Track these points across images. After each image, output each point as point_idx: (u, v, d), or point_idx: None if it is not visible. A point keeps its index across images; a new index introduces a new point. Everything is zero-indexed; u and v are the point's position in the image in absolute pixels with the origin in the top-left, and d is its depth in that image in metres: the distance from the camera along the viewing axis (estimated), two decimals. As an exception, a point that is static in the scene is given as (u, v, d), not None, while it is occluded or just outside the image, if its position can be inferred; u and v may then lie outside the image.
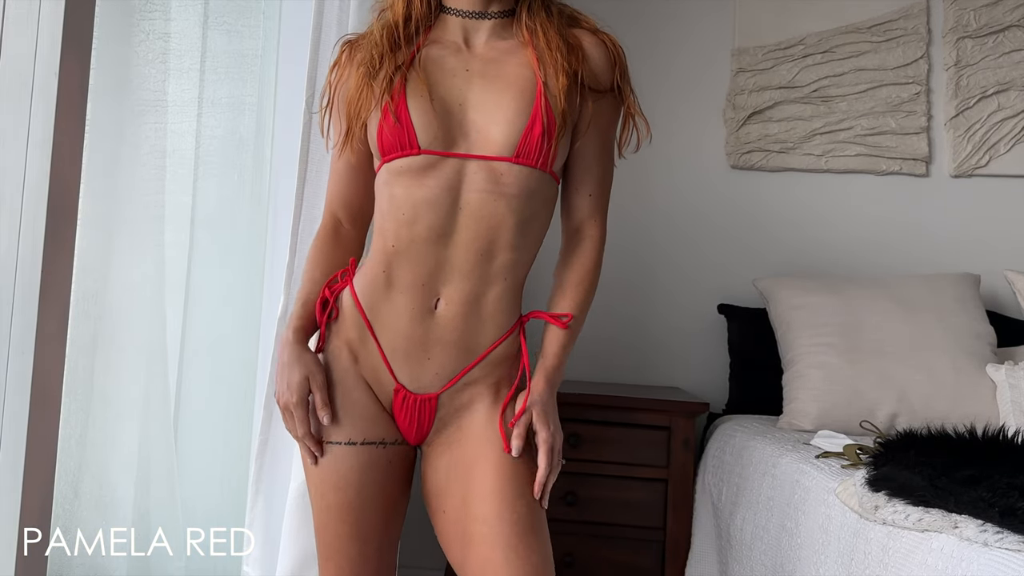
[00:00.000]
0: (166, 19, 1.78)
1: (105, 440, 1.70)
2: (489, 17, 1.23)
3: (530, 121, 1.16)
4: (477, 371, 1.22)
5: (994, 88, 2.80)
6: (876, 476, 1.44)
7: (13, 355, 1.29)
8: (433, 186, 1.17)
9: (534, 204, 1.19)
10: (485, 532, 1.15)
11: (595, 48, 1.24)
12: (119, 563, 1.70)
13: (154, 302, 1.76)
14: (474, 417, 1.22)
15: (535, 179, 1.18)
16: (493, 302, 1.21)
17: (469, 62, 1.21)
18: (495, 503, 1.16)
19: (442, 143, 1.17)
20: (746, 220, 2.84)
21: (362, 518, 1.21)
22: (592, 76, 1.22)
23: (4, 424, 1.29)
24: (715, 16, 2.86)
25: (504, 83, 1.19)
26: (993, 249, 2.75)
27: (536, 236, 1.23)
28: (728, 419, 2.46)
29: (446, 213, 1.17)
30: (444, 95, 1.18)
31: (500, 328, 1.22)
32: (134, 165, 1.72)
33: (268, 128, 2.01)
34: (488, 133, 1.17)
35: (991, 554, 1.11)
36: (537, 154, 1.16)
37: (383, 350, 1.22)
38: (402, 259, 1.19)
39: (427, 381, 1.22)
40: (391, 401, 1.24)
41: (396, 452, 1.24)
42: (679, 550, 2.27)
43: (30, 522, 1.28)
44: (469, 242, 1.18)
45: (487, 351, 1.22)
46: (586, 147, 1.25)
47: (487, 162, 1.17)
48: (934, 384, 2.25)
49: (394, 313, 1.20)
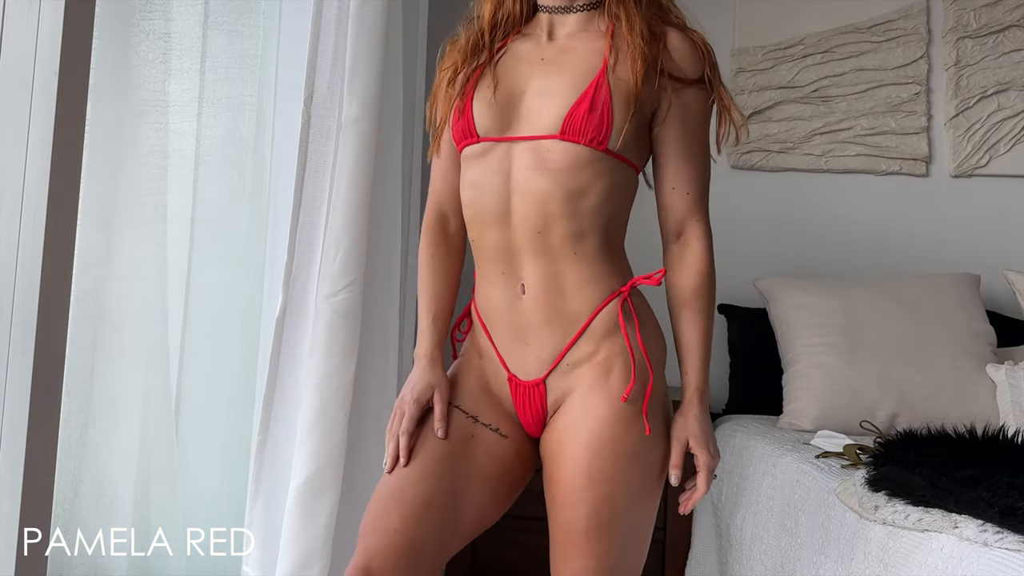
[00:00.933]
0: (166, 19, 1.77)
1: (105, 440, 1.70)
2: (575, 11, 1.26)
3: (579, 99, 1.17)
4: (578, 351, 1.21)
5: (994, 88, 2.80)
6: (876, 476, 1.44)
7: (13, 355, 1.29)
8: (487, 171, 1.22)
9: (583, 177, 1.18)
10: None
11: (680, 40, 1.23)
12: (119, 563, 1.70)
13: (154, 302, 1.76)
14: (575, 399, 1.20)
15: (584, 155, 1.17)
16: (572, 276, 1.20)
17: (544, 52, 1.25)
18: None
19: (498, 129, 1.22)
20: (746, 220, 2.84)
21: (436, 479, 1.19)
22: (674, 64, 1.21)
23: (4, 424, 1.28)
24: (715, 16, 2.86)
25: (568, 68, 1.21)
26: (993, 249, 2.75)
27: (595, 206, 1.19)
28: (728, 419, 2.46)
29: (500, 196, 1.21)
30: (511, 85, 1.23)
31: (588, 302, 1.20)
32: (134, 165, 1.71)
33: (268, 128, 2.01)
34: (539, 115, 1.20)
35: (991, 554, 1.11)
36: (583, 130, 1.16)
37: (494, 342, 1.26)
38: (481, 250, 1.25)
39: (532, 367, 1.23)
40: (508, 392, 1.26)
41: (485, 433, 1.24)
42: (679, 550, 2.27)
43: (30, 522, 1.28)
44: (523, 220, 1.19)
45: (582, 327, 1.20)
46: (674, 140, 1.23)
47: (534, 142, 1.19)
48: (934, 384, 2.25)
49: (495, 305, 1.25)
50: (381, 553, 1.13)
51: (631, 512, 1.17)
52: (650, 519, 1.22)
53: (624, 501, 1.16)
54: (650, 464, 1.18)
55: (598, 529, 1.14)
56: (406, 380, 1.28)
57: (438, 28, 2.32)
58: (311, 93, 1.77)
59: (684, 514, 1.22)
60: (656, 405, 1.20)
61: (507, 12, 1.29)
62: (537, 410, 1.24)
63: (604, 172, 1.19)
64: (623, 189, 1.22)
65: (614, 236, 1.24)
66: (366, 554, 1.14)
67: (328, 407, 1.73)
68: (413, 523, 1.15)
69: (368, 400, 1.87)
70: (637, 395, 1.18)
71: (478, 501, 1.22)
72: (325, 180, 1.80)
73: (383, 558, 1.13)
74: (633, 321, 1.21)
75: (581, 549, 1.14)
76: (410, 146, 2.16)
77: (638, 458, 1.17)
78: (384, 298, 1.95)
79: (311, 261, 1.79)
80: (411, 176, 2.20)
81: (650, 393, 1.19)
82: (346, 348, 1.76)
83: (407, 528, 1.15)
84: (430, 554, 1.17)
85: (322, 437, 1.72)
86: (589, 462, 1.15)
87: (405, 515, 1.15)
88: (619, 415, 1.17)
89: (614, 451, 1.15)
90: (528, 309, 1.21)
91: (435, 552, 1.18)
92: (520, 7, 1.29)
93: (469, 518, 1.22)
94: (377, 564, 1.13)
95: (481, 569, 2.34)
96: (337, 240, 1.77)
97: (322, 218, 1.79)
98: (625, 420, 1.17)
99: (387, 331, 1.96)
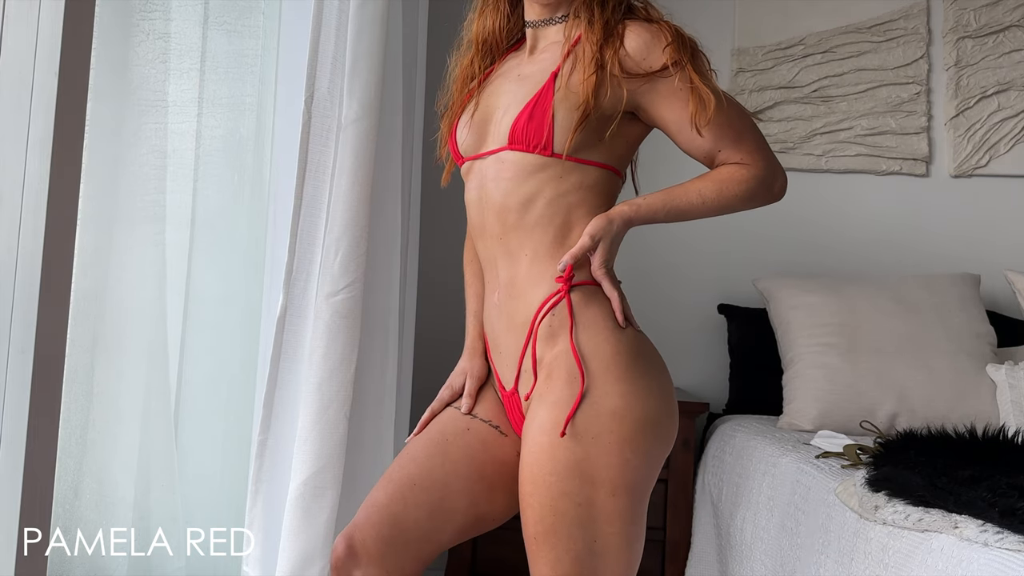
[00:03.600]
0: (166, 19, 1.77)
1: (105, 440, 1.70)
2: (555, 23, 1.28)
3: (523, 109, 1.21)
4: (530, 356, 1.21)
5: (994, 88, 2.80)
6: (876, 476, 1.44)
7: (13, 355, 1.29)
8: (471, 187, 1.29)
9: (532, 183, 1.21)
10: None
11: (638, 32, 1.21)
12: (119, 563, 1.70)
13: (154, 302, 1.76)
14: (530, 406, 1.20)
15: (531, 162, 1.21)
16: (523, 277, 1.22)
17: (523, 67, 1.29)
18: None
19: (474, 148, 1.28)
20: (746, 220, 2.83)
21: (428, 466, 1.23)
22: (631, 61, 1.20)
23: (4, 424, 1.28)
24: (715, 16, 2.86)
25: (530, 80, 1.24)
26: (993, 249, 2.75)
27: (546, 209, 1.21)
28: (728, 419, 2.46)
29: (479, 210, 1.27)
30: (489, 103, 1.28)
31: (533, 302, 1.20)
32: (134, 165, 1.71)
33: (268, 128, 2.01)
34: (499, 128, 1.25)
35: (991, 554, 1.11)
36: (525, 138, 1.19)
37: (489, 352, 1.32)
38: (482, 262, 1.31)
39: (506, 374, 1.27)
40: (502, 399, 1.31)
41: (483, 427, 1.28)
42: (679, 550, 2.27)
43: (30, 522, 1.28)
44: (492, 229, 1.25)
45: (531, 329, 1.20)
46: (670, 123, 1.23)
47: (495, 155, 1.25)
48: (934, 384, 2.25)
49: (487, 314, 1.30)
50: (364, 523, 1.19)
51: (585, 522, 1.11)
52: (618, 531, 1.13)
53: (569, 510, 1.11)
54: (600, 476, 1.11)
55: (545, 535, 1.12)
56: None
57: (438, 28, 2.32)
58: (311, 93, 1.77)
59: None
60: (609, 414, 1.13)
61: (488, 33, 1.34)
62: (518, 417, 1.26)
63: (555, 176, 1.21)
64: (586, 188, 1.22)
65: (574, 232, 1.22)
66: (352, 525, 1.21)
67: (328, 407, 1.73)
68: (397, 499, 1.20)
69: (368, 400, 1.87)
70: (568, 400, 1.13)
71: (469, 492, 1.24)
72: (325, 180, 1.80)
73: (366, 527, 1.19)
74: (567, 322, 1.17)
75: (535, 555, 1.14)
76: (410, 146, 2.15)
77: (579, 467, 1.11)
78: (384, 298, 1.95)
79: (311, 261, 1.79)
80: (411, 176, 2.20)
81: (579, 398, 1.12)
82: (346, 348, 1.76)
83: (391, 503, 1.20)
84: (415, 532, 1.20)
85: (322, 437, 1.72)
86: (531, 469, 1.14)
87: (390, 492, 1.21)
88: (556, 422, 1.13)
89: (552, 458, 1.12)
90: (497, 315, 1.26)
91: (421, 531, 1.21)
92: (499, 26, 1.34)
93: (461, 505, 1.23)
94: (360, 534, 1.19)
95: (481, 569, 2.34)
96: (337, 240, 1.77)
97: (322, 218, 1.79)
98: (561, 428, 1.13)
99: (387, 331, 1.96)
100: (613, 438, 1.12)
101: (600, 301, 1.19)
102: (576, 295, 1.19)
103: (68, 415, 1.57)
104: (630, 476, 1.13)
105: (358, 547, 1.18)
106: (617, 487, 1.12)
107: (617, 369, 1.15)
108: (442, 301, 2.63)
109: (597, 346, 1.16)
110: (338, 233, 1.78)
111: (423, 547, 1.21)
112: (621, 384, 1.14)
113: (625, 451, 1.12)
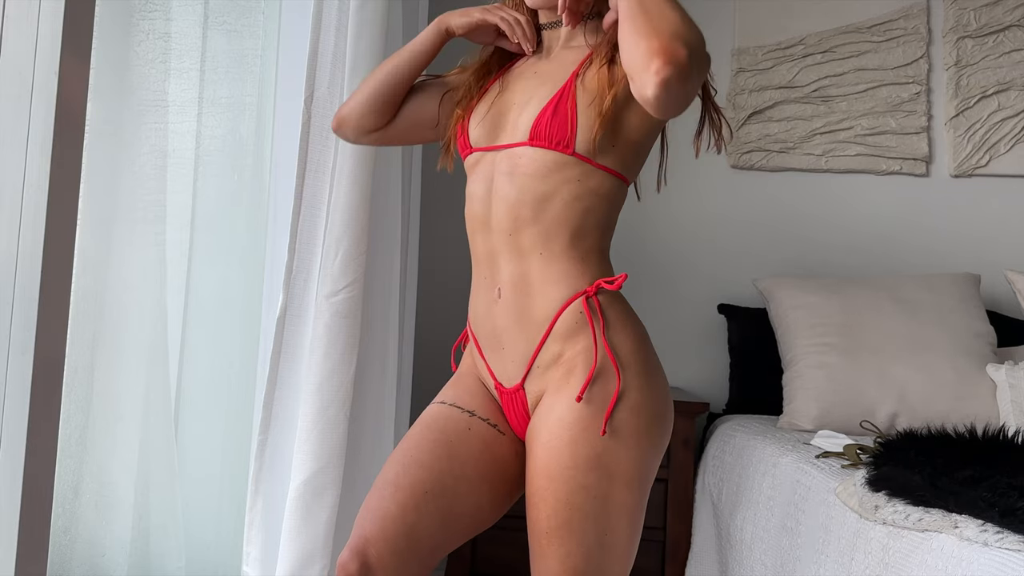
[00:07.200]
0: (166, 19, 1.77)
1: (105, 440, 1.70)
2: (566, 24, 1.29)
3: (546, 105, 1.21)
4: (546, 353, 1.21)
5: (994, 88, 2.80)
6: (876, 476, 1.44)
7: (13, 355, 1.29)
8: (477, 179, 1.29)
9: (551, 181, 1.20)
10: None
11: None
12: (119, 563, 1.70)
13: (154, 302, 1.76)
14: (543, 401, 1.20)
15: (551, 160, 1.20)
16: (537, 276, 1.21)
17: (539, 66, 1.31)
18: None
19: (486, 140, 1.28)
20: (746, 220, 2.84)
21: (417, 463, 1.20)
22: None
23: (4, 424, 1.28)
24: (715, 16, 2.86)
25: (548, 78, 1.25)
26: (993, 249, 2.75)
27: (563, 209, 1.20)
28: (728, 419, 2.46)
29: (484, 203, 1.26)
30: (505, 99, 1.29)
31: (553, 302, 1.20)
32: (134, 165, 1.71)
33: (268, 128, 2.01)
34: (516, 124, 1.25)
35: (991, 554, 1.11)
36: (548, 135, 1.19)
37: (480, 350, 1.30)
38: (473, 257, 1.30)
39: (511, 372, 1.25)
40: (499, 398, 1.30)
41: (483, 427, 1.26)
42: (679, 550, 2.27)
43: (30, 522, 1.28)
44: (499, 224, 1.24)
45: (548, 329, 1.20)
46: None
47: (510, 149, 1.24)
48: (934, 384, 2.25)
49: (479, 312, 1.29)
50: (378, 537, 1.14)
51: (598, 516, 1.13)
52: (627, 525, 1.15)
53: (585, 504, 1.12)
54: (618, 469, 1.13)
55: (558, 530, 1.12)
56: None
57: (438, 28, 2.31)
58: (311, 93, 1.77)
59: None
60: (628, 408, 1.15)
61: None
62: (521, 415, 1.25)
63: (573, 177, 1.21)
64: (599, 196, 1.22)
65: (587, 238, 1.22)
66: (362, 538, 1.14)
67: (328, 407, 1.73)
68: (411, 509, 1.16)
69: (368, 400, 1.87)
70: (597, 396, 1.15)
71: (475, 494, 1.22)
72: (325, 180, 1.80)
73: (381, 542, 1.13)
74: (599, 320, 1.19)
75: (544, 550, 1.14)
76: (410, 146, 2.16)
77: (599, 461, 1.13)
78: (384, 298, 1.95)
79: (311, 261, 1.79)
80: (411, 176, 2.20)
81: (617, 394, 1.15)
82: (346, 348, 1.76)
83: (404, 514, 1.15)
84: (428, 542, 1.17)
85: (322, 437, 1.72)
86: (547, 463, 1.14)
87: (401, 501, 1.16)
88: (578, 416, 1.14)
89: (573, 452, 1.13)
90: (501, 312, 1.24)
91: (434, 541, 1.18)
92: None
93: (466, 510, 1.21)
94: (375, 550, 1.13)
95: (481, 569, 2.34)
96: (337, 240, 1.77)
97: (322, 218, 1.80)
98: (584, 421, 1.14)
99: (387, 331, 1.96)
100: (631, 431, 1.15)
101: (619, 300, 1.23)
102: (603, 296, 1.21)
103: (68, 415, 1.57)
104: (643, 469, 1.16)
105: (374, 563, 1.13)
106: (631, 480, 1.15)
107: (636, 365, 1.19)
108: (442, 301, 2.63)
109: (621, 343, 1.19)
110: (338, 233, 1.78)
111: (435, 555, 1.19)
112: (639, 379, 1.18)
113: (642, 444, 1.16)
